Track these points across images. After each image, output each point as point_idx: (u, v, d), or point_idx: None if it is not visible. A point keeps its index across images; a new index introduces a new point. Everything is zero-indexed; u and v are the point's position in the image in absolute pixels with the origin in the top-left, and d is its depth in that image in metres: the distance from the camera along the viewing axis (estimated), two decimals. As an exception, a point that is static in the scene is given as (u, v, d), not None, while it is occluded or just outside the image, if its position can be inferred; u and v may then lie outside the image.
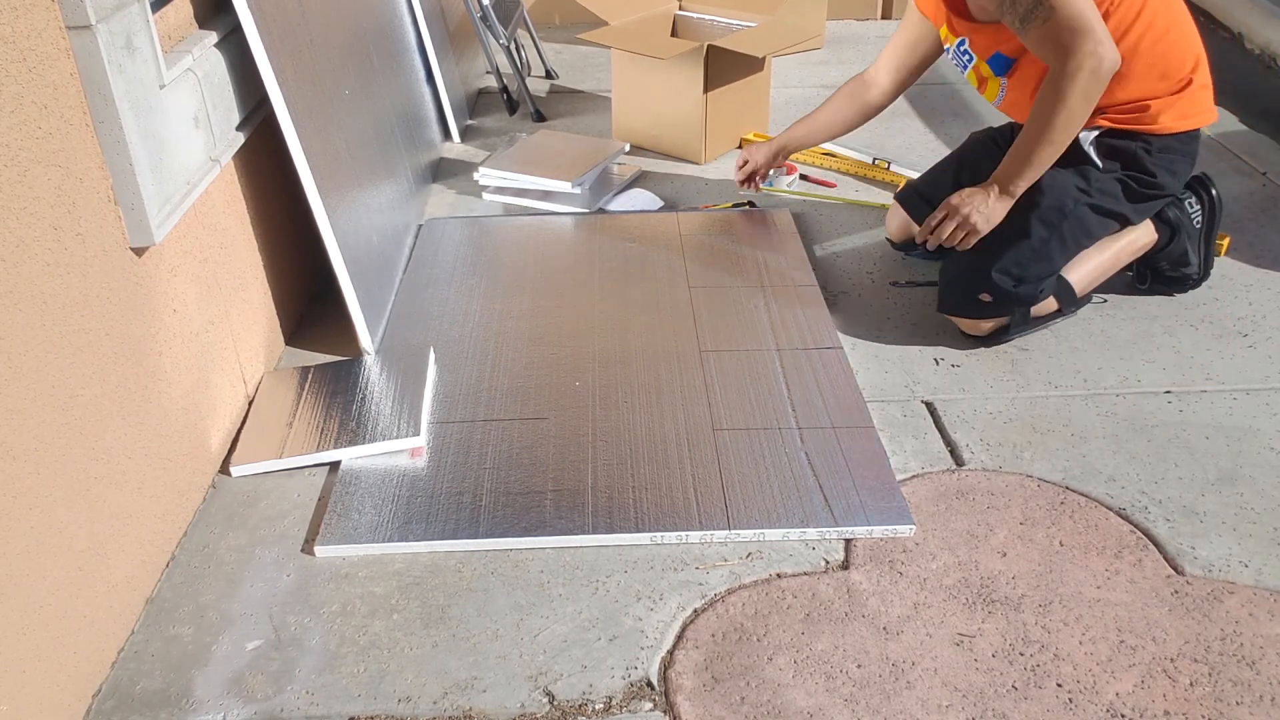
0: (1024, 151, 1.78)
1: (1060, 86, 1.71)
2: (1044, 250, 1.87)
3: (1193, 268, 2.07)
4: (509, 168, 2.54)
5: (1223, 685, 1.28)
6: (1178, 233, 2.02)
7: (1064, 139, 1.75)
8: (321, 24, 1.98)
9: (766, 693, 1.28)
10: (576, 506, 1.55)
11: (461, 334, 1.99)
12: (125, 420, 1.38)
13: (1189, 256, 2.05)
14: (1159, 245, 2.03)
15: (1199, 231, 2.05)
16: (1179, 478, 1.62)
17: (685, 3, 3.00)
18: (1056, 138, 1.75)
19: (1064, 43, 1.70)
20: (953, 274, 1.94)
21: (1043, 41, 1.73)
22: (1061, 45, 1.70)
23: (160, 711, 1.28)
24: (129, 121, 1.37)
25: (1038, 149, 1.77)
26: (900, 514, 1.53)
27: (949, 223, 1.86)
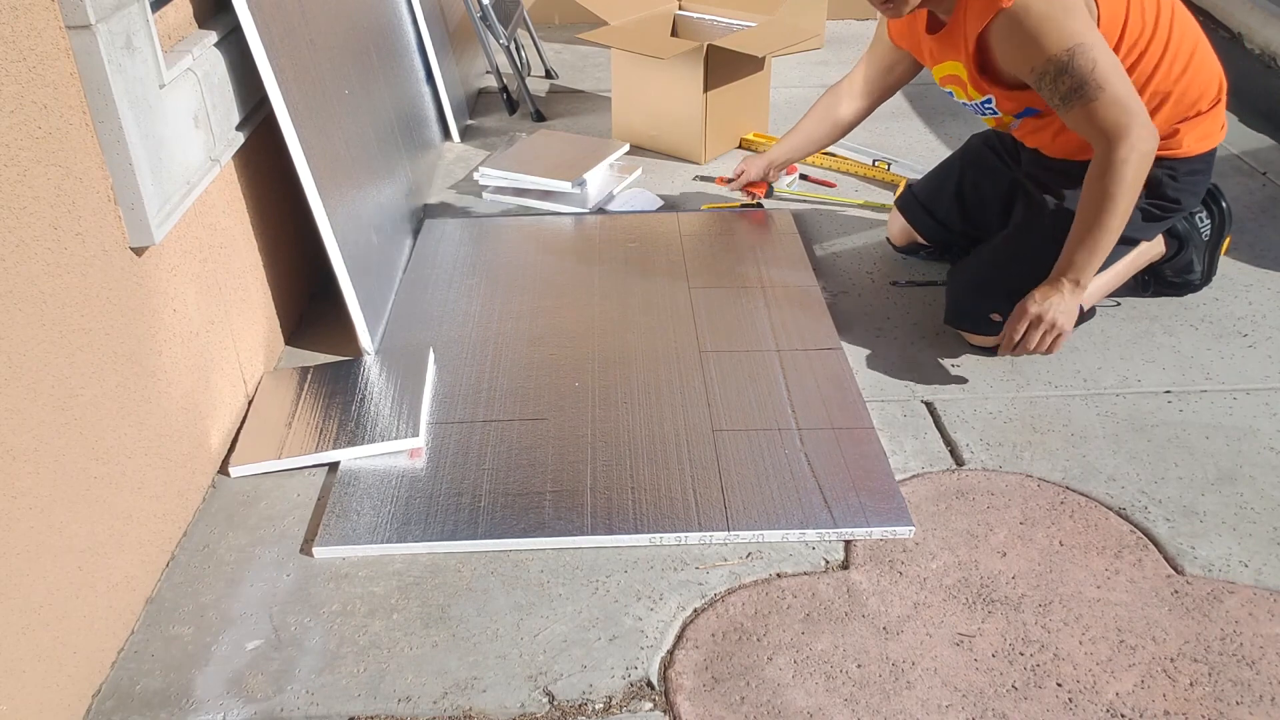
0: (1087, 242, 1.69)
1: (1116, 175, 1.64)
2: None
3: (1195, 274, 2.07)
4: (509, 168, 2.54)
5: (1223, 685, 1.28)
6: (1185, 245, 2.03)
7: (1123, 223, 1.68)
8: (321, 24, 1.98)
9: (766, 693, 1.28)
10: (575, 507, 1.55)
11: (461, 334, 1.99)
12: (125, 420, 1.38)
13: (1194, 265, 2.06)
14: (1166, 256, 2.04)
15: (1206, 243, 2.06)
16: (1179, 478, 1.62)
17: (685, 3, 3.00)
18: (1116, 224, 1.68)
19: (1108, 127, 1.63)
20: (961, 291, 1.93)
21: (1086, 122, 1.65)
22: (1106, 129, 1.63)
23: (160, 711, 1.28)
24: (129, 121, 1.37)
25: (1100, 238, 1.68)
26: (900, 515, 1.53)
27: (1034, 332, 1.73)
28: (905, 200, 2.19)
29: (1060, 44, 1.60)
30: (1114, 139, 1.63)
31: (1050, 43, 1.60)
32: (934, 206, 2.14)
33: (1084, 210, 1.70)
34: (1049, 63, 1.61)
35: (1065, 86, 1.63)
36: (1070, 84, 1.62)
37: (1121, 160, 1.63)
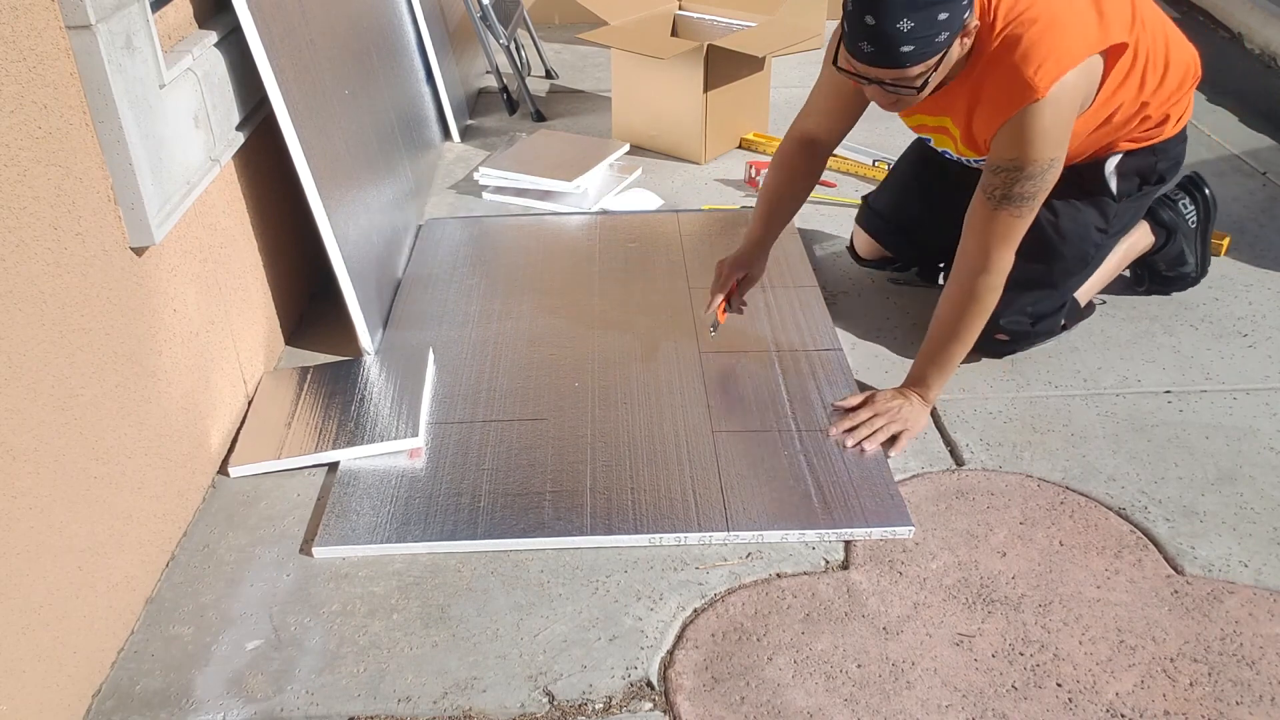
0: (939, 360, 1.69)
1: (980, 306, 1.64)
2: (1064, 291, 1.88)
3: (1190, 266, 2.06)
4: (509, 168, 2.54)
5: (1223, 685, 1.28)
6: (1173, 234, 2.02)
7: (971, 343, 1.69)
8: (321, 24, 1.98)
9: (766, 693, 1.28)
10: (575, 508, 1.55)
11: (461, 334, 1.99)
12: (125, 420, 1.38)
13: (1186, 256, 2.05)
14: (1155, 247, 2.03)
15: (1195, 231, 2.05)
16: (1179, 478, 1.62)
17: (685, 3, 3.00)
18: (966, 347, 1.68)
19: (1000, 246, 1.60)
20: None
21: (992, 225, 1.59)
22: (997, 245, 1.60)
23: (160, 711, 1.28)
24: (129, 121, 1.37)
25: (953, 358, 1.69)
26: (899, 516, 1.53)
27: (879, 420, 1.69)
28: (867, 217, 2.13)
29: (1047, 152, 1.54)
30: (993, 262, 1.61)
31: (1045, 146, 1.53)
32: (897, 218, 2.09)
33: (941, 331, 1.69)
34: (1031, 163, 1.54)
35: (1018, 189, 1.55)
36: (1023, 190, 1.55)
37: (989, 289, 1.63)
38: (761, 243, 1.87)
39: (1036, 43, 1.48)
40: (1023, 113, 1.51)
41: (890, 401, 1.71)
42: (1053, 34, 1.49)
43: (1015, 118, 1.52)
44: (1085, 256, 1.85)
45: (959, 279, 1.65)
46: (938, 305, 1.70)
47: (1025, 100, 1.49)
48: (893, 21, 1.38)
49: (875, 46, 1.41)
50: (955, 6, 1.40)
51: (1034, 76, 1.48)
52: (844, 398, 1.77)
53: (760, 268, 1.89)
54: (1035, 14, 1.50)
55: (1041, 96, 1.49)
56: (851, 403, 1.74)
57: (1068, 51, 1.50)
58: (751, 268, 1.87)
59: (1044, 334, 1.90)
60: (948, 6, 1.39)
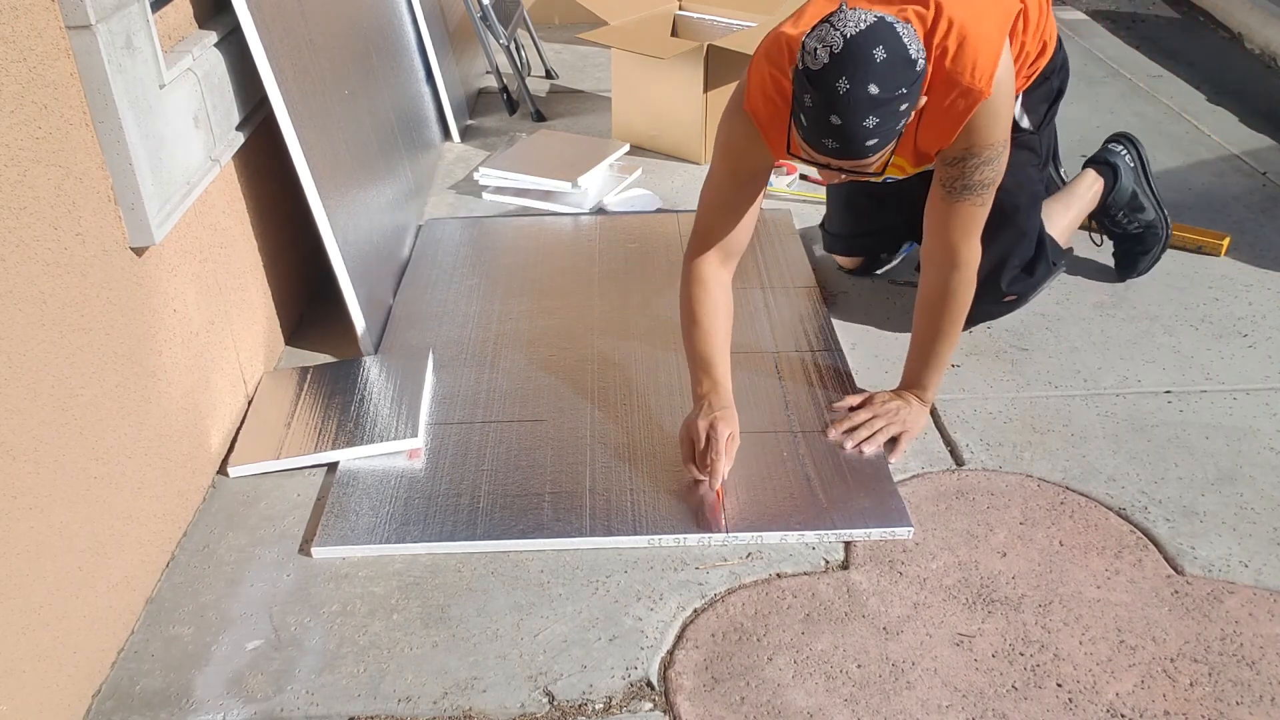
0: (932, 362, 1.69)
1: (958, 304, 1.64)
2: (1032, 229, 1.92)
3: (1149, 213, 2.09)
4: (509, 168, 2.54)
5: (1223, 685, 1.28)
6: (1118, 173, 2.07)
7: (958, 339, 1.69)
8: (321, 24, 1.98)
9: (766, 693, 1.28)
10: (574, 509, 1.55)
11: (461, 335, 1.99)
12: (125, 420, 1.38)
13: (1140, 200, 2.07)
14: (1108, 188, 2.07)
15: (1135, 170, 2.10)
16: (1179, 478, 1.62)
17: (685, 3, 3.00)
18: (954, 343, 1.69)
19: (967, 238, 1.60)
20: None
21: (958, 218, 1.58)
22: (964, 238, 1.60)
23: (160, 711, 1.28)
24: (129, 121, 1.37)
25: (943, 357, 1.69)
26: (899, 516, 1.53)
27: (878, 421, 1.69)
28: (831, 242, 2.17)
29: (999, 135, 1.54)
30: (962, 256, 1.61)
31: (996, 130, 1.53)
32: (857, 229, 2.13)
33: (925, 333, 1.69)
34: (987, 147, 1.53)
35: (978, 177, 1.55)
36: (982, 176, 1.55)
37: (964, 284, 1.63)
38: (726, 391, 1.63)
39: (961, 47, 1.46)
40: (974, 113, 1.51)
41: (889, 403, 1.71)
42: (971, 31, 1.47)
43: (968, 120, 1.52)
44: (1036, 194, 1.91)
45: (931, 280, 1.65)
46: (916, 308, 1.70)
47: (973, 106, 1.49)
48: (858, 120, 1.33)
49: (840, 143, 1.36)
50: (913, 92, 1.36)
51: (974, 81, 1.47)
52: (842, 399, 1.77)
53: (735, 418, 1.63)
54: (944, 24, 1.47)
55: (988, 95, 1.48)
56: (850, 403, 1.74)
57: (989, 41, 1.49)
58: (734, 424, 1.60)
59: (1044, 279, 1.97)
60: (907, 96, 1.35)
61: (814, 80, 1.33)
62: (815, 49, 1.32)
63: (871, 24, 1.32)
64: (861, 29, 1.31)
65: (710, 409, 1.58)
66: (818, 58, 1.32)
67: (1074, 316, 2.04)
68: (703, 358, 1.65)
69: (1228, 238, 2.26)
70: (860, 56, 1.31)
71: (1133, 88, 3.22)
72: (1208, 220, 2.38)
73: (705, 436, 1.55)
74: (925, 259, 1.66)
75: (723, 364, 1.64)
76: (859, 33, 1.31)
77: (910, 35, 1.34)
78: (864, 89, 1.31)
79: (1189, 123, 2.94)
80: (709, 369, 1.64)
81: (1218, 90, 3.17)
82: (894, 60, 1.32)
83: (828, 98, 1.32)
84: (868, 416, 1.70)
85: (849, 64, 1.31)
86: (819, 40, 1.33)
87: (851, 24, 1.32)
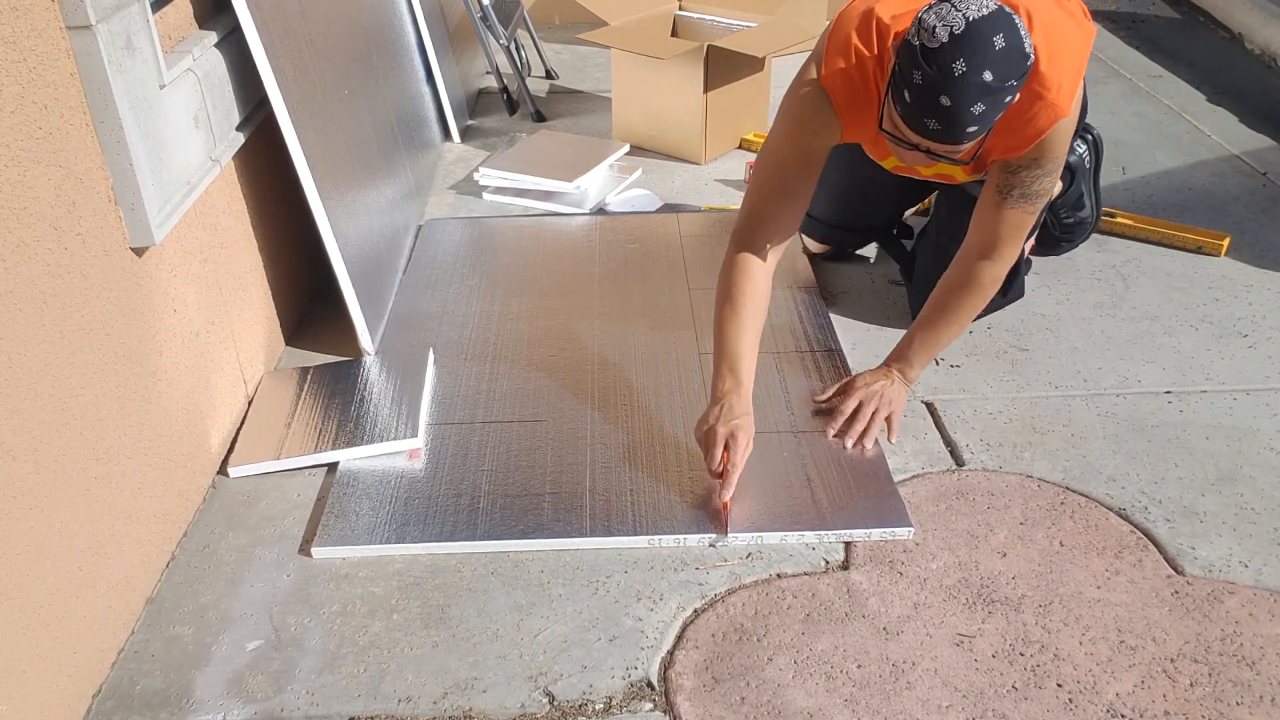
0: (930, 344, 1.70)
1: (982, 295, 1.66)
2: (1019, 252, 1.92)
3: (1086, 210, 2.12)
4: (509, 168, 2.54)
5: (1223, 685, 1.28)
6: (1075, 176, 2.07)
7: (967, 324, 1.71)
8: (321, 24, 1.98)
9: (766, 693, 1.28)
10: (574, 509, 1.55)
11: (461, 335, 1.99)
12: (125, 420, 1.38)
13: (1083, 200, 2.11)
14: (1061, 190, 2.08)
15: (1089, 172, 2.11)
16: (1179, 478, 1.62)
17: (685, 3, 3.00)
18: (958, 334, 1.71)
19: (1011, 239, 1.61)
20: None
21: (1005, 222, 1.59)
22: (1008, 239, 1.61)
23: (160, 711, 1.28)
24: (129, 121, 1.37)
25: (942, 343, 1.71)
26: (898, 517, 1.53)
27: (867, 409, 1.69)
28: (808, 225, 2.18)
29: (1065, 148, 1.55)
30: (1003, 253, 1.62)
31: (1064, 145, 1.54)
32: (840, 220, 2.14)
33: (936, 313, 1.69)
34: (1052, 160, 1.54)
35: (1036, 187, 1.56)
36: (1041, 187, 1.56)
37: (993, 280, 1.65)
38: (748, 395, 1.59)
39: (1052, 59, 1.44)
40: (1053, 129, 1.50)
41: (872, 385, 1.72)
42: (1058, 51, 1.46)
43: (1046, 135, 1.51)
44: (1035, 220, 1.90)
45: (965, 263, 1.66)
46: (937, 288, 1.70)
47: (1053, 123, 1.48)
48: (967, 105, 1.32)
49: (943, 125, 1.35)
50: (1020, 83, 1.36)
51: (1057, 99, 1.45)
52: (822, 390, 1.77)
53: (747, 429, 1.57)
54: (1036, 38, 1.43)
55: (1068, 114, 1.48)
56: (830, 394, 1.75)
57: (1075, 61, 1.49)
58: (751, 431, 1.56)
59: (1013, 299, 2.01)
60: (1015, 88, 1.35)
61: (929, 58, 1.31)
62: (935, 26, 1.31)
63: (993, 10, 1.32)
64: (985, 14, 1.31)
65: (731, 414, 1.54)
66: (936, 35, 1.31)
67: (1074, 316, 2.04)
68: (732, 352, 1.59)
69: (1228, 238, 2.26)
70: (981, 41, 1.30)
71: (1133, 88, 3.22)
72: (1208, 220, 2.38)
73: (723, 444, 1.52)
74: (963, 251, 1.66)
75: (750, 362, 1.60)
76: (981, 17, 1.31)
77: (1024, 29, 1.34)
78: (979, 74, 1.30)
79: (1189, 123, 2.94)
80: (735, 366, 1.59)
81: (1218, 90, 3.17)
82: (1010, 50, 1.31)
83: (942, 77, 1.31)
84: (855, 405, 1.70)
85: (969, 46, 1.30)
86: (939, 18, 1.31)
87: (974, 7, 1.32)
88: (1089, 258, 2.24)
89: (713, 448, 1.53)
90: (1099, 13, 3.97)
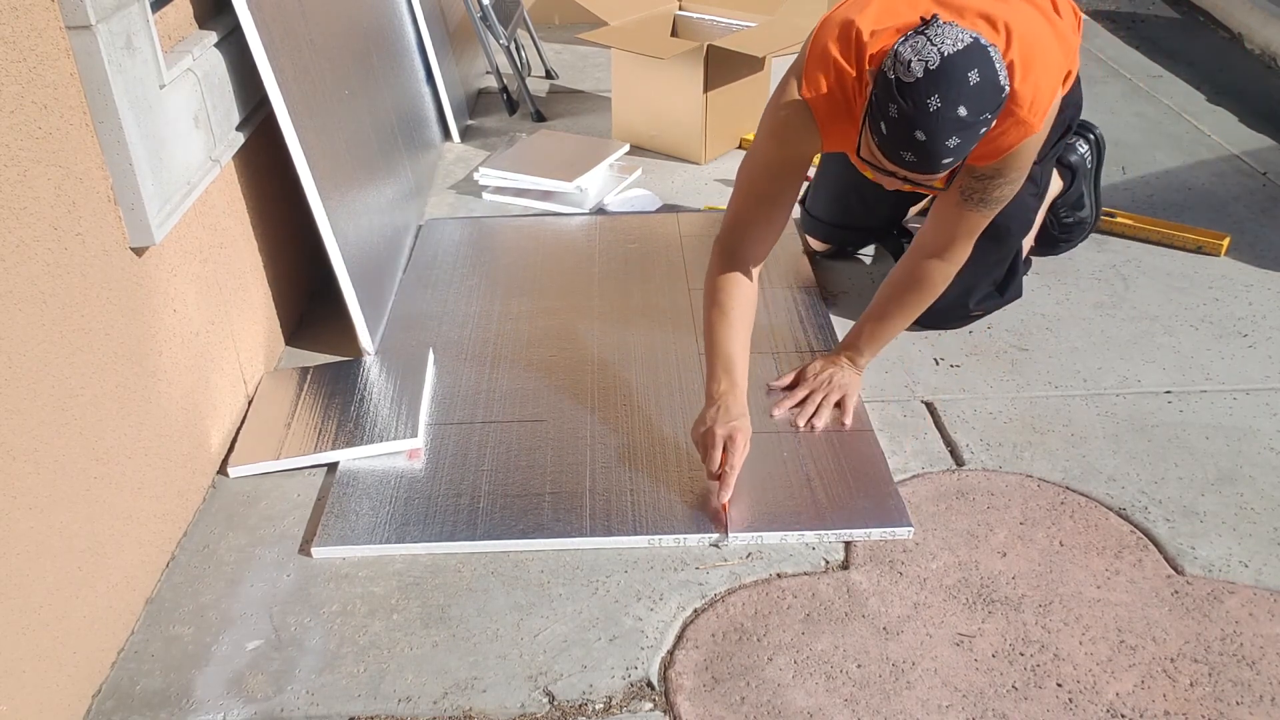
0: (879, 335, 1.74)
1: (932, 290, 1.69)
2: (1012, 252, 1.96)
3: (1086, 210, 2.17)
4: (509, 168, 2.54)
5: (1223, 685, 1.28)
6: (1076, 175, 2.12)
7: (916, 316, 1.75)
8: (321, 24, 1.98)
9: (766, 693, 1.28)
10: (574, 509, 1.55)
11: (461, 335, 1.99)
12: (125, 420, 1.38)
13: (1083, 200, 2.16)
14: (1062, 190, 2.12)
15: (1090, 172, 2.16)
16: (1179, 478, 1.62)
17: (685, 3, 3.00)
18: (913, 317, 1.75)
19: (963, 240, 1.63)
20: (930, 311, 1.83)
21: (960, 223, 1.61)
22: (961, 240, 1.63)
23: (160, 711, 1.28)
24: (129, 121, 1.37)
25: (891, 334, 1.75)
26: (898, 517, 1.53)
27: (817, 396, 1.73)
28: (809, 224, 2.21)
29: (1030, 160, 1.57)
30: (955, 252, 1.65)
31: (1031, 156, 1.56)
32: (839, 218, 2.16)
33: (885, 306, 1.73)
34: (1017, 171, 1.55)
35: (997, 194, 1.57)
36: (1001, 193, 1.58)
37: (944, 279, 1.68)
38: (743, 395, 1.59)
39: (1025, 75, 1.45)
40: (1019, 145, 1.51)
41: (821, 374, 1.76)
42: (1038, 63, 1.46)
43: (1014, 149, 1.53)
44: (1028, 221, 1.96)
45: (915, 260, 1.69)
46: (886, 281, 1.75)
47: (1023, 138, 1.49)
48: (942, 140, 1.33)
49: (918, 158, 1.36)
50: (995, 115, 1.37)
51: (1028, 116, 1.46)
52: (777, 377, 1.81)
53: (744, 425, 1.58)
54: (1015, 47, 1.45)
55: (1038, 130, 1.49)
56: (784, 382, 1.79)
57: (1050, 76, 1.49)
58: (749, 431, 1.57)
59: (1011, 299, 2.03)
60: (989, 120, 1.36)
61: (904, 92, 1.32)
62: (911, 61, 1.31)
63: (968, 44, 1.31)
64: (959, 49, 1.31)
65: (728, 415, 1.55)
66: (911, 70, 1.31)
67: (1074, 316, 2.04)
68: (725, 354, 1.61)
69: (1228, 238, 2.26)
70: (955, 77, 1.30)
71: (1133, 88, 3.22)
72: (1208, 220, 2.38)
73: (722, 446, 1.52)
74: (915, 245, 1.70)
75: (743, 363, 1.61)
76: (956, 52, 1.31)
77: (999, 59, 1.34)
78: (954, 110, 1.31)
79: (1189, 123, 2.94)
80: (729, 368, 1.60)
81: (1218, 90, 3.17)
82: (985, 85, 1.32)
83: (917, 113, 1.32)
84: (807, 392, 1.75)
85: (944, 82, 1.31)
86: (915, 53, 1.32)
87: (949, 42, 1.31)
88: (1089, 258, 2.24)
89: (711, 449, 1.53)
90: (1099, 13, 3.97)
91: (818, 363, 1.79)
